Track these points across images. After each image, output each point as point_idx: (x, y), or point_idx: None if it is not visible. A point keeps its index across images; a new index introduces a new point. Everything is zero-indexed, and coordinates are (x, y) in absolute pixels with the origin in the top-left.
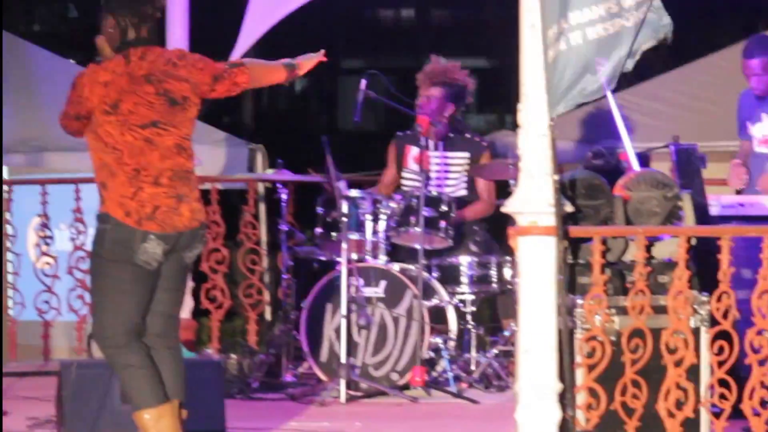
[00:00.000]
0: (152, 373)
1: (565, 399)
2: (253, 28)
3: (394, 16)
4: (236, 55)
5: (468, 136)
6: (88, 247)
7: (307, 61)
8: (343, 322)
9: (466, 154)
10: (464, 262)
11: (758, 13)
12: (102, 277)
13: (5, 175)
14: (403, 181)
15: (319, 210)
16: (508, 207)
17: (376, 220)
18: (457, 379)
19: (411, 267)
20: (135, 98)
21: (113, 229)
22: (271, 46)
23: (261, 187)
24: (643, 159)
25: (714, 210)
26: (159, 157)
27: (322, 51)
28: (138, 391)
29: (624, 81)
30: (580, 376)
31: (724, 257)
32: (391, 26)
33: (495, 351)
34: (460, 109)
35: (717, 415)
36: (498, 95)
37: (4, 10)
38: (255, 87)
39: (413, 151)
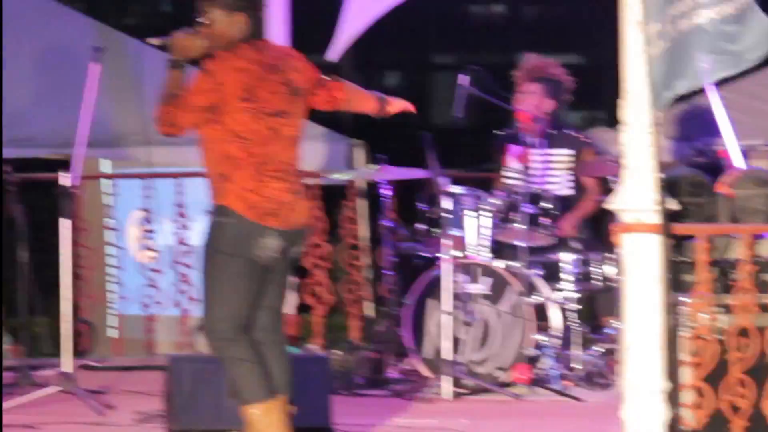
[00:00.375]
0: (260, 368)
1: (672, 398)
2: (350, 27)
3: (485, 12)
4: (333, 55)
5: (569, 132)
6: (192, 241)
7: (398, 103)
8: (447, 319)
9: (569, 151)
10: (567, 259)
11: None
12: (216, 270)
13: (108, 169)
14: (507, 180)
15: (421, 206)
16: (612, 204)
17: (478, 216)
18: (560, 376)
19: (514, 264)
20: (268, 86)
21: (234, 223)
22: (363, 44)
23: (362, 183)
24: (743, 156)
25: None
26: (281, 149)
27: (412, 106)
28: (246, 386)
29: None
30: (686, 374)
31: None
32: (482, 22)
33: (598, 348)
34: (559, 106)
35: None
36: (590, 92)
37: (100, 2)
38: (346, 109)
39: (513, 149)
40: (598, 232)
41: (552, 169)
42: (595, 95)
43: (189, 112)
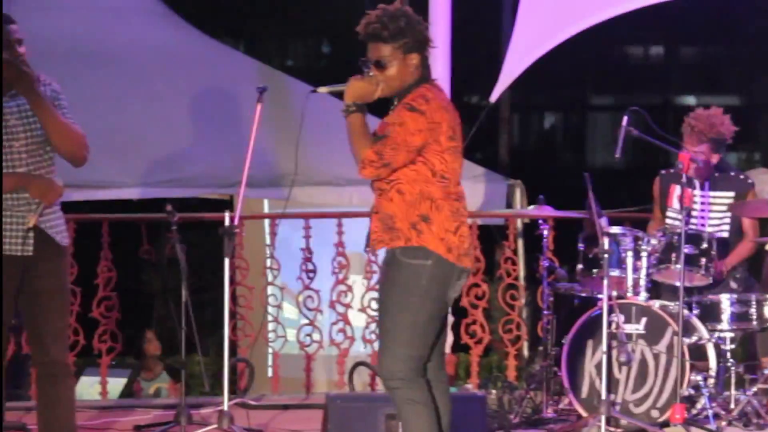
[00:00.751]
0: (433, 410)
1: None
2: (513, 67)
3: (642, 53)
4: (496, 93)
5: (733, 174)
6: (350, 281)
7: None
8: (604, 358)
9: (731, 193)
10: (724, 299)
11: None
12: (407, 312)
13: (266, 209)
14: (668, 220)
15: (580, 246)
16: None
17: (637, 256)
18: (716, 416)
19: (671, 304)
20: (458, 124)
21: (435, 265)
22: (522, 85)
23: (519, 223)
24: None
25: None
26: (462, 186)
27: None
28: (419, 428)
29: None
30: None
31: None
32: (639, 63)
33: (754, 389)
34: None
35: None
36: (747, 133)
37: (259, 43)
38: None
39: (677, 190)
40: (757, 272)
41: (712, 211)
42: (751, 136)
43: (405, 152)
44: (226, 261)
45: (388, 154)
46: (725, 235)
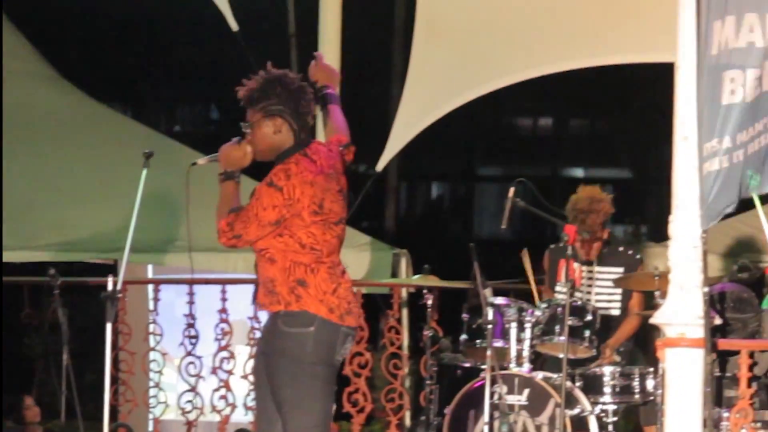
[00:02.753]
0: None
1: None
2: (400, 135)
3: (532, 125)
4: (383, 162)
5: (621, 249)
6: (233, 348)
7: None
8: (486, 429)
9: (621, 269)
10: (607, 371)
11: None
12: (301, 381)
13: (150, 274)
14: (557, 295)
15: (464, 316)
16: (657, 318)
17: (520, 328)
18: None
19: (554, 375)
20: (330, 196)
21: (318, 330)
22: (409, 154)
23: (404, 292)
24: None
25: None
26: (340, 253)
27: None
28: None
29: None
30: None
31: None
32: (529, 134)
33: None
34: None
35: None
36: (635, 206)
37: (147, 108)
38: None
39: (564, 265)
40: (641, 345)
41: (601, 287)
42: (639, 209)
43: (256, 226)
44: (108, 326)
45: (239, 227)
46: (616, 312)
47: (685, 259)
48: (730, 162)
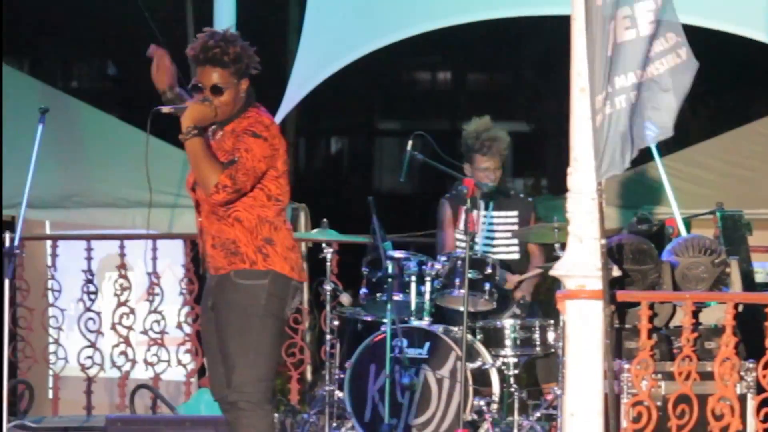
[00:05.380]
0: None
1: None
2: (297, 89)
3: (430, 79)
4: (279, 117)
5: (513, 193)
6: (132, 303)
7: None
8: (387, 383)
9: (515, 213)
10: (508, 324)
11: None
12: (249, 334)
13: (47, 230)
14: (457, 242)
15: (364, 270)
16: (557, 270)
17: (420, 281)
18: None
19: (455, 329)
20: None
21: (271, 282)
22: (308, 109)
23: (303, 247)
24: (687, 225)
25: (760, 277)
26: None
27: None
28: None
29: (665, 148)
30: None
31: None
32: (427, 88)
33: (537, 414)
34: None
35: None
36: (534, 159)
37: (44, 64)
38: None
39: (461, 214)
40: (540, 297)
41: (498, 232)
42: (539, 162)
43: (253, 178)
44: (6, 282)
45: (241, 180)
46: (516, 257)
47: (583, 212)
48: (613, 109)
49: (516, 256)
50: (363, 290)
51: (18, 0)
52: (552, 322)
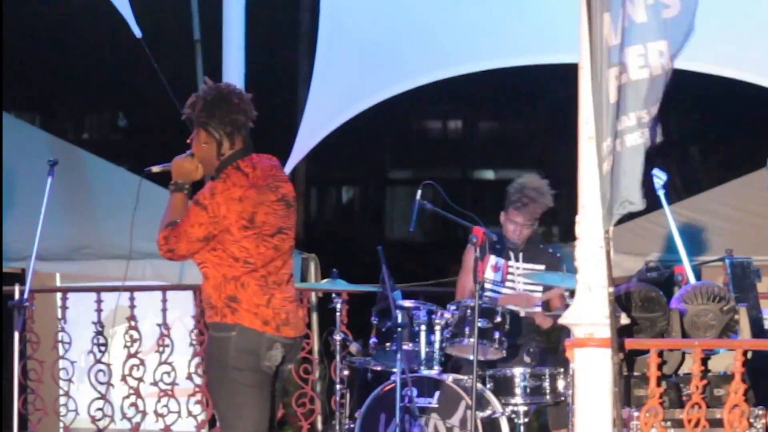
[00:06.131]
0: None
1: None
2: (307, 139)
3: (441, 127)
4: (289, 166)
5: (542, 246)
6: (142, 355)
7: None
8: None
9: (542, 267)
10: (517, 373)
11: None
12: (226, 385)
13: (58, 282)
14: (488, 292)
15: (374, 320)
16: (565, 318)
17: (430, 330)
18: None
19: (464, 377)
20: (265, 208)
21: (239, 335)
22: (318, 158)
23: (313, 297)
24: (697, 272)
25: None
26: (281, 262)
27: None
28: None
29: (675, 194)
30: None
31: None
32: (438, 137)
33: None
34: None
35: None
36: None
37: (55, 116)
38: None
39: (490, 260)
40: (551, 346)
41: (525, 283)
42: (550, 210)
43: (186, 242)
44: (16, 334)
45: (172, 241)
46: (538, 309)
47: (592, 259)
48: (618, 157)
49: (538, 309)
50: (373, 339)
51: (29, 53)
52: (562, 370)
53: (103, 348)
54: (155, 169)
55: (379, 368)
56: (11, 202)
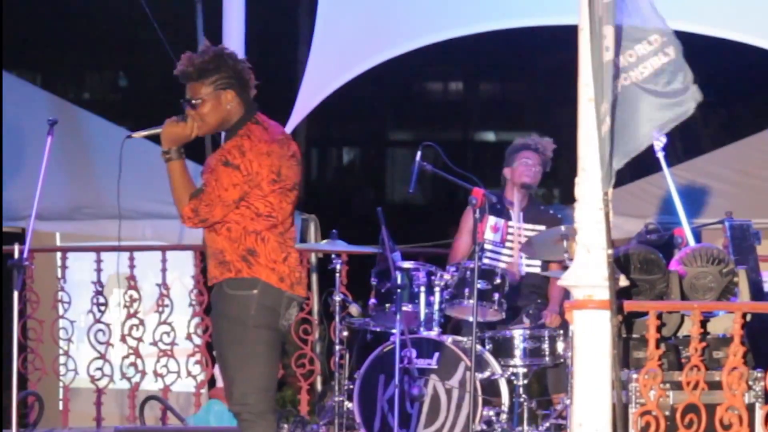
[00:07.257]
0: None
1: None
2: (307, 100)
3: (442, 89)
4: (290, 126)
5: (543, 208)
6: (142, 315)
7: None
8: (396, 393)
9: (542, 227)
10: (517, 334)
11: None
12: (243, 345)
13: (58, 242)
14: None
15: (373, 281)
16: (565, 280)
17: (430, 291)
18: None
19: (464, 339)
20: (286, 162)
21: (261, 293)
22: (319, 118)
23: (313, 257)
24: (697, 235)
25: None
26: (291, 221)
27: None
28: None
29: (675, 157)
30: None
31: None
32: (439, 98)
33: (546, 424)
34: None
35: None
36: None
37: (56, 76)
38: None
39: (489, 221)
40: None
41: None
42: (550, 172)
43: (220, 207)
44: (15, 294)
45: (204, 211)
46: (538, 270)
47: (591, 221)
48: (613, 115)
49: (538, 270)
50: (372, 301)
51: (30, 13)
52: (561, 331)
53: (102, 308)
54: (136, 134)
55: (378, 329)
56: (11, 162)
